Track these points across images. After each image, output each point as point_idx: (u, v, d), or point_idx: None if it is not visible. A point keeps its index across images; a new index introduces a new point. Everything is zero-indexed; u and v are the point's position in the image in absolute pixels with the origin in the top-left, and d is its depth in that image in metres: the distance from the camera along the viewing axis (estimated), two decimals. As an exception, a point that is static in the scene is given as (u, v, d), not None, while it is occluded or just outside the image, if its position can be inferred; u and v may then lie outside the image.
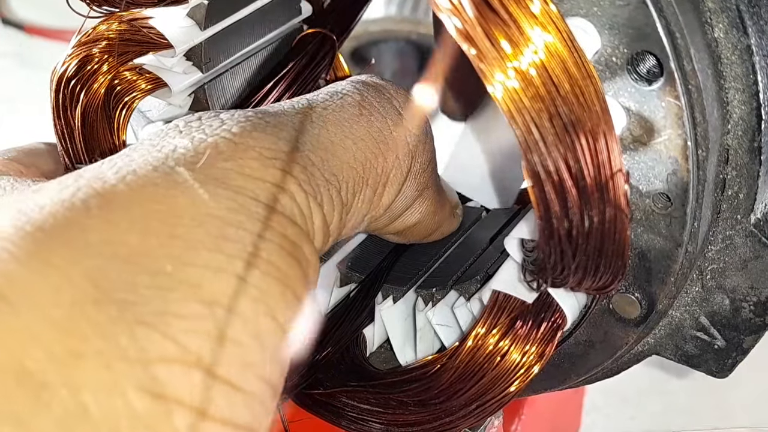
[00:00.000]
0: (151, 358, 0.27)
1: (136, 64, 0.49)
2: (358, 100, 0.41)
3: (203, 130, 0.35)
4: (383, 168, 0.41)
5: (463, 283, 0.53)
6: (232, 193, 0.32)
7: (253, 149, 0.34)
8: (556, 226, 0.36)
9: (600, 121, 0.35)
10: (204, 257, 0.30)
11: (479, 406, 0.46)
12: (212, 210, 0.31)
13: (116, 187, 0.31)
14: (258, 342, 0.30)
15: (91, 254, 0.29)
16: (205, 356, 0.28)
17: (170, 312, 0.28)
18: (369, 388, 0.50)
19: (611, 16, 0.37)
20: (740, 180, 0.43)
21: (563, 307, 0.45)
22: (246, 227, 0.32)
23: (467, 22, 0.33)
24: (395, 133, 0.42)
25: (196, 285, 0.29)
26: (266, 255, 0.32)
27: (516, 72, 0.34)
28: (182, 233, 0.30)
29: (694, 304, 0.47)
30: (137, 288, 0.28)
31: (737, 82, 0.41)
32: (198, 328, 0.29)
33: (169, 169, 0.32)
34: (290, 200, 0.34)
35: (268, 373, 0.31)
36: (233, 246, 0.31)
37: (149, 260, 0.29)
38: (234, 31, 0.51)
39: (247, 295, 0.30)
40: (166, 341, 0.28)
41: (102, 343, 0.27)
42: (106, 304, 0.28)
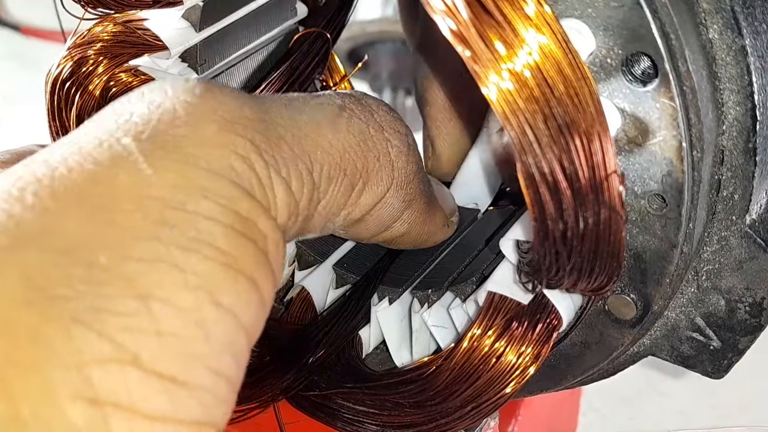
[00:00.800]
0: (85, 360, 0.26)
1: (131, 66, 0.49)
2: (338, 104, 0.40)
3: (166, 92, 0.33)
4: (363, 165, 0.40)
5: (459, 284, 0.53)
6: (179, 165, 0.30)
7: (214, 112, 0.32)
8: (551, 227, 0.36)
9: (595, 122, 0.35)
10: (140, 247, 0.28)
11: (475, 407, 0.46)
12: (153, 190, 0.29)
13: (57, 170, 0.29)
14: (201, 332, 0.29)
15: (25, 248, 0.27)
16: (143, 354, 0.27)
17: (105, 309, 0.27)
18: (365, 390, 0.50)
19: (606, 17, 0.37)
20: (735, 181, 0.43)
21: (559, 308, 0.45)
22: (188, 208, 0.30)
23: (461, 24, 0.33)
24: (376, 140, 0.41)
25: (130, 278, 0.28)
26: (210, 238, 0.30)
27: (510, 73, 0.34)
28: (119, 219, 0.29)
29: (689, 305, 0.47)
30: (72, 282, 0.27)
31: (732, 83, 0.41)
32: (133, 325, 0.27)
33: (115, 142, 0.30)
34: (248, 169, 0.32)
35: (217, 363, 0.29)
36: (171, 232, 0.29)
37: (85, 251, 0.28)
38: (229, 32, 0.51)
39: (186, 284, 0.29)
40: (101, 341, 0.27)
41: (36, 348, 0.26)
42: (40, 302, 0.26)
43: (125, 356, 0.27)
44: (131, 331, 0.27)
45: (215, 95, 0.33)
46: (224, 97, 0.33)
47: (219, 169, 0.31)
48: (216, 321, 0.29)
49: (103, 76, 0.48)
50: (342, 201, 0.40)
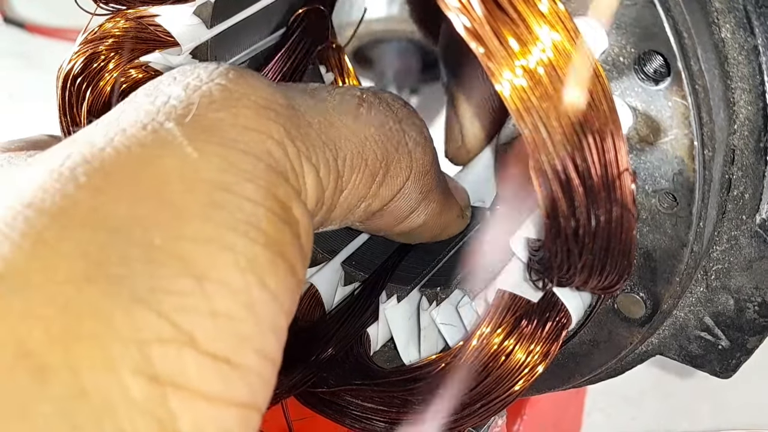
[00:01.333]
0: (145, 338, 0.27)
1: (143, 62, 0.49)
2: (357, 95, 0.41)
3: (198, 75, 0.33)
4: (383, 154, 0.41)
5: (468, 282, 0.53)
6: (222, 148, 0.31)
7: (247, 97, 0.33)
8: (563, 225, 0.37)
9: (607, 120, 0.35)
10: (192, 228, 0.29)
11: (483, 405, 0.46)
12: (201, 172, 0.30)
13: (104, 151, 0.30)
14: (251, 314, 0.29)
15: (82, 227, 0.28)
16: (198, 334, 0.28)
17: (162, 288, 0.28)
18: (373, 387, 0.50)
19: (618, 15, 0.37)
20: (746, 180, 0.43)
21: (568, 306, 0.45)
22: (235, 190, 0.30)
23: (476, 21, 0.33)
24: (394, 131, 0.42)
25: (185, 258, 0.28)
26: (255, 221, 0.30)
27: (524, 70, 0.34)
28: (171, 200, 0.29)
29: (698, 305, 0.47)
30: (129, 262, 0.28)
31: (744, 83, 0.41)
32: (189, 305, 0.28)
33: (158, 126, 0.31)
34: (283, 154, 0.33)
35: (264, 345, 0.30)
36: (221, 213, 0.30)
37: (139, 232, 0.28)
38: (240, 29, 0.51)
39: (237, 266, 0.29)
40: (159, 320, 0.27)
41: (98, 322, 0.26)
42: (100, 280, 0.27)
43: (182, 336, 0.27)
44: (187, 311, 0.28)
45: (248, 80, 0.34)
46: (256, 82, 0.34)
47: (258, 153, 0.32)
48: (263, 303, 0.30)
49: (114, 72, 0.48)
50: (363, 192, 0.40)
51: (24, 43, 1.60)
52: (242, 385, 0.29)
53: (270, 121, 0.33)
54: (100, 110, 0.48)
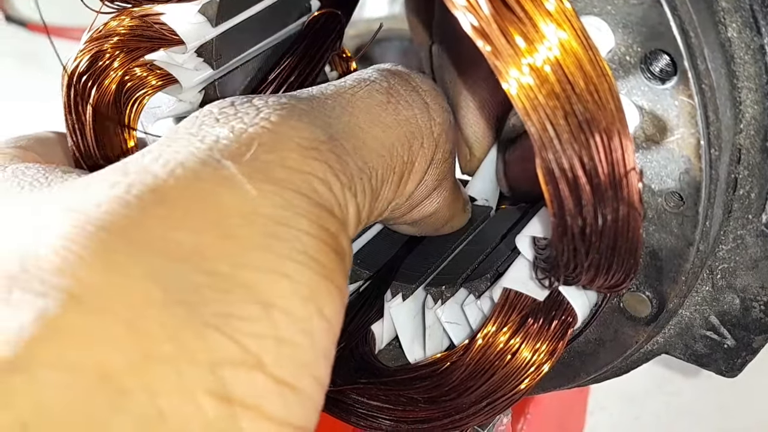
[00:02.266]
0: (217, 361, 0.28)
1: (147, 60, 0.49)
2: (385, 87, 0.42)
3: (241, 119, 0.35)
4: (409, 155, 0.41)
5: (473, 281, 0.53)
6: (276, 187, 0.32)
7: (291, 139, 0.34)
8: (570, 223, 0.37)
9: (614, 119, 0.35)
10: (256, 258, 0.30)
11: (489, 403, 0.46)
12: (260, 207, 0.31)
13: (167, 182, 0.31)
14: (311, 341, 0.31)
15: (153, 254, 0.29)
16: (265, 358, 0.29)
17: (231, 314, 0.29)
18: (379, 385, 0.50)
19: (625, 14, 0.37)
20: (752, 179, 0.43)
21: (574, 305, 0.45)
22: (292, 224, 0.32)
23: (483, 19, 0.33)
24: (421, 121, 0.42)
25: (252, 287, 0.30)
26: (312, 252, 0.32)
27: (531, 69, 0.34)
28: (234, 232, 0.31)
29: (704, 304, 0.47)
30: (199, 289, 0.29)
31: (750, 82, 0.41)
32: (257, 331, 0.29)
33: (216, 163, 0.32)
34: (328, 191, 0.34)
35: (319, 371, 0.31)
36: (282, 245, 0.31)
37: (206, 260, 0.30)
38: (245, 28, 0.51)
39: (299, 294, 0.31)
40: (230, 344, 0.28)
41: (173, 346, 0.27)
42: (172, 305, 0.28)
43: (252, 360, 0.29)
44: (256, 336, 0.29)
45: (288, 122, 0.35)
46: (296, 122, 0.35)
47: (306, 191, 0.33)
48: (321, 330, 0.31)
49: (119, 70, 0.48)
50: (391, 196, 0.41)
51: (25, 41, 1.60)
52: (300, 409, 0.30)
53: (314, 161, 0.34)
54: (105, 108, 0.48)
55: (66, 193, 0.32)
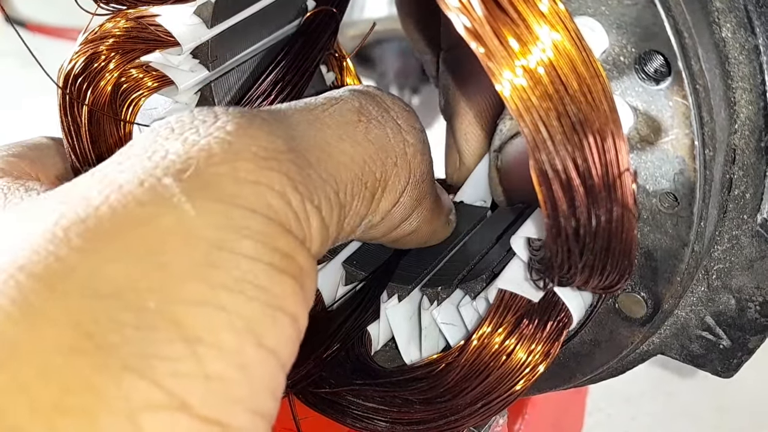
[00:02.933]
0: (136, 407, 0.26)
1: (143, 62, 0.49)
2: (356, 107, 0.40)
3: (197, 129, 0.33)
4: (381, 173, 0.40)
5: (469, 282, 0.53)
6: (222, 205, 0.30)
7: (248, 149, 0.32)
8: (564, 224, 0.37)
9: (608, 120, 0.35)
10: (187, 290, 0.29)
11: (485, 404, 0.46)
12: (198, 230, 0.30)
13: (99, 209, 0.29)
14: (244, 375, 0.29)
15: (74, 293, 0.27)
16: (190, 399, 0.27)
17: (154, 354, 0.27)
18: (375, 387, 0.50)
19: (619, 15, 0.37)
20: (747, 180, 0.43)
21: (569, 306, 0.45)
22: (232, 248, 0.30)
23: (476, 21, 0.33)
24: (393, 141, 0.41)
25: (178, 322, 0.28)
26: (252, 278, 0.30)
27: (524, 70, 0.34)
28: (166, 262, 0.29)
29: (699, 304, 0.47)
30: (122, 328, 0.27)
31: (745, 82, 0.41)
32: (181, 370, 0.28)
33: (156, 182, 0.30)
34: (285, 205, 0.32)
35: (258, 404, 0.30)
36: (218, 273, 0.29)
37: (133, 295, 0.28)
38: (240, 29, 0.51)
39: (232, 327, 0.29)
40: (151, 387, 0.27)
41: (87, 395, 0.26)
42: (89, 349, 0.26)
43: (174, 402, 0.27)
44: (180, 376, 0.28)
45: (247, 131, 0.33)
46: (256, 131, 0.33)
47: (257, 207, 0.31)
48: (259, 363, 0.30)
49: (114, 72, 0.48)
50: (363, 212, 0.40)
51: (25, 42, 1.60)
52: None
53: (271, 171, 0.32)
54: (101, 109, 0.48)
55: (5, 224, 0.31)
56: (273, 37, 0.54)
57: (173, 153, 0.32)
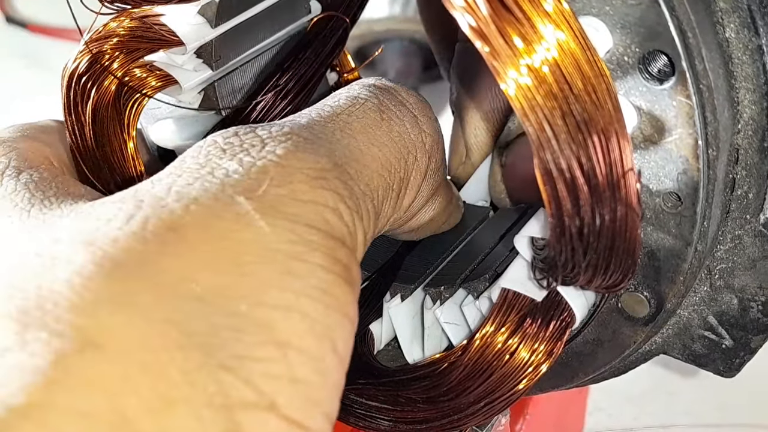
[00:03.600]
0: (233, 404, 0.28)
1: (147, 61, 0.49)
2: (376, 104, 0.42)
3: (248, 151, 0.35)
4: (405, 171, 0.42)
5: (472, 281, 0.53)
6: (288, 222, 0.32)
7: (300, 171, 0.34)
8: (568, 224, 0.37)
9: (612, 119, 0.35)
10: (274, 296, 0.30)
11: (488, 403, 0.46)
12: (275, 244, 0.32)
13: (183, 219, 0.31)
14: (323, 379, 0.31)
15: (172, 294, 0.29)
16: (278, 399, 0.29)
17: (248, 355, 0.29)
18: (377, 386, 0.50)
19: (623, 15, 0.37)
20: (750, 180, 0.43)
21: (572, 305, 0.45)
22: (307, 259, 0.32)
23: (481, 20, 0.33)
24: (413, 135, 0.42)
25: (269, 326, 0.30)
26: (327, 286, 0.32)
27: (529, 69, 0.34)
28: (251, 271, 0.31)
29: (702, 304, 0.47)
30: (216, 330, 0.29)
31: (748, 82, 0.41)
32: (272, 371, 0.29)
33: (229, 199, 0.32)
34: (339, 220, 0.34)
35: (330, 407, 0.31)
36: (298, 281, 0.31)
37: (224, 300, 0.30)
38: (244, 29, 0.51)
39: (315, 332, 0.31)
40: (245, 386, 0.28)
41: (190, 389, 0.27)
42: (190, 348, 0.28)
43: (265, 401, 0.29)
44: (270, 377, 0.29)
45: (295, 154, 0.35)
46: (302, 153, 0.35)
47: (318, 224, 0.33)
48: (334, 367, 0.32)
49: (118, 71, 0.48)
50: (390, 213, 0.41)
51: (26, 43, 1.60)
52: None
53: (324, 190, 0.34)
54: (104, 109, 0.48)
55: (80, 222, 0.32)
56: (277, 36, 0.54)
57: (234, 172, 0.33)
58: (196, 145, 0.36)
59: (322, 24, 0.54)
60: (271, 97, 0.52)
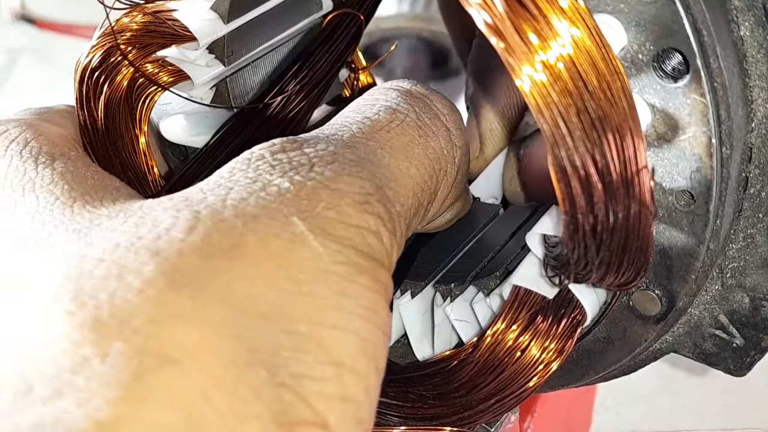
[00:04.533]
0: (293, 422, 0.29)
1: (159, 57, 0.49)
2: (414, 120, 0.42)
3: (297, 170, 0.35)
4: (435, 186, 0.42)
5: (482, 278, 0.53)
6: (339, 245, 0.33)
7: (347, 195, 0.35)
8: (581, 221, 0.37)
9: (626, 117, 0.35)
10: (330, 316, 0.31)
11: (498, 400, 0.46)
12: (329, 265, 0.32)
13: (245, 236, 0.32)
14: (368, 397, 0.32)
15: (238, 311, 0.30)
16: (330, 419, 0.30)
17: (306, 375, 0.30)
18: (387, 382, 0.50)
19: (638, 12, 0.37)
20: (763, 178, 0.43)
21: (583, 303, 0.45)
22: (356, 280, 0.32)
23: (497, 16, 0.33)
24: (446, 151, 0.43)
25: (327, 346, 0.30)
26: (374, 307, 0.33)
27: (544, 66, 0.34)
28: (309, 290, 0.31)
29: (713, 302, 0.47)
30: (279, 348, 0.30)
31: (762, 81, 0.41)
32: (327, 391, 0.30)
33: (285, 219, 0.33)
34: (380, 243, 0.35)
35: (370, 424, 0.32)
36: (351, 302, 0.32)
37: (285, 319, 0.30)
38: (256, 24, 0.51)
39: (365, 352, 0.32)
40: (303, 405, 0.29)
41: (259, 406, 0.28)
42: (257, 365, 0.29)
43: (319, 420, 0.29)
44: (325, 396, 0.30)
45: (342, 177, 0.36)
46: (349, 177, 0.36)
47: (363, 247, 0.34)
48: (376, 385, 0.32)
49: (131, 66, 0.48)
50: (416, 225, 0.42)
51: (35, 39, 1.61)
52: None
53: (368, 214, 0.35)
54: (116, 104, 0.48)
55: (136, 227, 0.32)
56: (289, 33, 0.54)
57: (287, 192, 0.34)
58: (243, 156, 0.36)
59: (336, 21, 0.54)
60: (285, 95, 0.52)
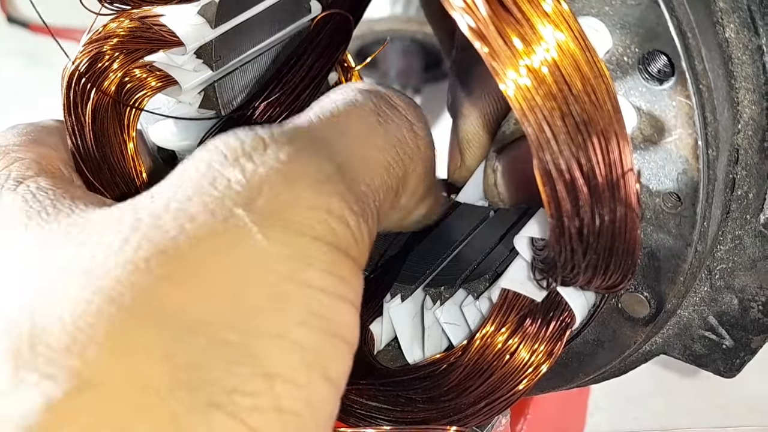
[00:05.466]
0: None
1: (147, 62, 0.49)
2: (372, 109, 0.41)
3: (250, 156, 0.33)
4: (402, 172, 0.41)
5: (472, 281, 0.53)
6: (287, 234, 0.31)
7: (304, 176, 0.33)
8: (567, 224, 0.37)
9: (611, 120, 0.35)
10: (265, 324, 0.29)
11: (488, 403, 0.46)
12: (270, 262, 0.30)
13: (177, 240, 0.30)
14: (312, 409, 0.30)
15: (162, 327, 0.28)
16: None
17: (237, 389, 0.28)
18: (378, 386, 0.50)
19: (622, 15, 0.37)
20: (750, 180, 0.43)
21: (572, 305, 0.45)
22: (302, 279, 0.31)
23: (480, 21, 0.33)
24: (408, 138, 0.42)
25: (259, 357, 0.29)
26: (321, 309, 0.31)
27: (528, 70, 0.34)
28: (245, 294, 0.30)
29: (702, 304, 0.47)
30: (209, 364, 0.28)
31: (748, 82, 0.41)
32: (261, 405, 0.28)
33: (228, 213, 0.31)
34: (345, 227, 0.33)
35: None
36: (291, 307, 0.30)
37: (217, 329, 0.29)
38: (244, 29, 0.51)
39: (305, 362, 0.30)
40: (234, 422, 0.28)
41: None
42: (181, 387, 0.27)
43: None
44: (258, 410, 0.28)
45: (299, 158, 0.34)
46: (307, 158, 0.34)
47: (321, 234, 0.32)
48: (325, 396, 0.31)
49: (118, 72, 0.48)
50: (387, 210, 0.40)
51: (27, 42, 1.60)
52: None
53: (329, 196, 0.33)
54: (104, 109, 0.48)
55: (74, 246, 0.31)
56: (278, 37, 0.54)
57: (236, 182, 0.32)
58: (197, 151, 0.35)
59: (324, 23, 0.54)
60: (274, 98, 0.52)
